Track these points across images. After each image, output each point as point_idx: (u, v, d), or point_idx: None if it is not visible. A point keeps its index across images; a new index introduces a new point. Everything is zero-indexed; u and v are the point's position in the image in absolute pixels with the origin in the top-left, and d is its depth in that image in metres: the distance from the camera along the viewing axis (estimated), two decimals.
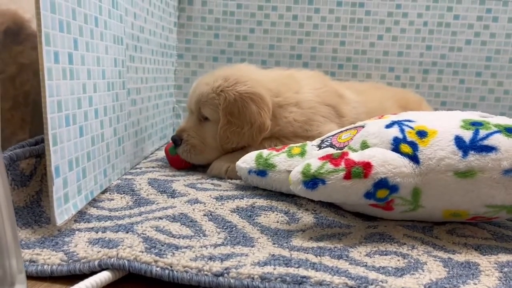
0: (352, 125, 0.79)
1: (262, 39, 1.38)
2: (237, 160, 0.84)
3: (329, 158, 0.63)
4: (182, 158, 0.95)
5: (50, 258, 0.51)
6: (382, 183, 0.60)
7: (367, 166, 0.60)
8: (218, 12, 1.38)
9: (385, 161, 0.61)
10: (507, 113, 1.34)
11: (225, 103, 0.90)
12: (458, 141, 0.63)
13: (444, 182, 0.62)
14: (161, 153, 1.11)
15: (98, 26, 0.73)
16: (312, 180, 0.61)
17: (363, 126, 0.73)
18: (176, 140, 0.96)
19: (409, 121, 0.68)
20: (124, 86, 0.86)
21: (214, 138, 0.94)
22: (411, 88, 1.36)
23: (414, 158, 0.63)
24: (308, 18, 1.36)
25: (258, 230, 0.64)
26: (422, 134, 0.65)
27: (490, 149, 0.61)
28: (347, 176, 0.60)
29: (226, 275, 0.49)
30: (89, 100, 0.69)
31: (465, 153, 0.62)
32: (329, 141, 0.77)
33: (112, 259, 0.50)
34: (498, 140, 0.62)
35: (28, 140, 0.66)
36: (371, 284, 0.49)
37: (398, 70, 1.37)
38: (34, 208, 0.61)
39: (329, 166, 0.61)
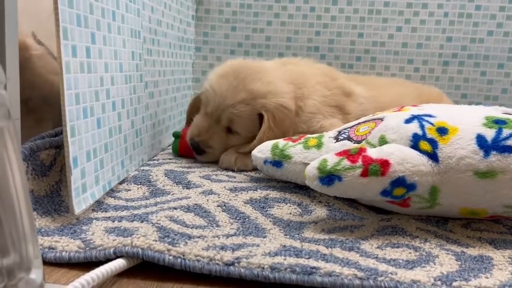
0: (371, 117, 0.77)
1: (279, 32, 1.38)
2: (239, 150, 0.86)
3: (346, 154, 0.62)
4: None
5: (68, 245, 0.53)
6: (399, 182, 0.60)
7: (385, 164, 0.59)
8: (235, 5, 1.38)
9: (404, 159, 0.60)
10: None
11: (268, 113, 0.92)
12: (480, 140, 0.61)
13: (463, 182, 0.61)
14: None
15: (115, 20, 0.74)
16: (328, 177, 0.60)
17: (382, 119, 0.71)
18: (199, 150, 0.95)
19: (430, 116, 0.67)
20: (141, 79, 0.88)
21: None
22: (430, 80, 1.34)
23: (433, 156, 0.62)
24: (325, 10, 1.35)
25: (270, 221, 0.65)
26: (442, 131, 0.63)
27: None
28: (364, 174, 0.59)
29: (236, 264, 0.50)
30: (107, 93, 0.71)
31: (487, 153, 0.60)
32: (347, 134, 0.76)
33: (127, 247, 0.52)
34: None
35: (48, 131, 0.69)
36: (381, 276, 0.49)
37: (417, 62, 1.35)
38: (54, 197, 0.64)
39: (346, 162, 0.60)
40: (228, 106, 0.92)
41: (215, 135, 0.95)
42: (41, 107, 0.79)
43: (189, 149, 0.98)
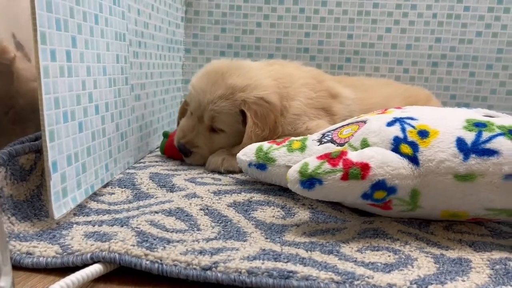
0: (355, 119, 0.78)
1: (269, 33, 1.38)
2: (231, 152, 0.85)
3: (327, 157, 0.62)
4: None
5: (46, 251, 0.53)
6: (379, 185, 0.60)
7: (365, 167, 0.59)
8: (225, 6, 1.38)
9: (384, 163, 0.60)
10: None
11: (250, 109, 0.92)
12: (460, 143, 0.61)
13: (443, 185, 0.61)
14: None
15: (98, 24, 0.74)
16: (309, 180, 0.61)
17: (365, 122, 0.72)
18: (186, 152, 0.96)
19: (412, 118, 0.67)
20: (127, 82, 0.88)
21: (223, 147, 0.96)
22: (419, 81, 1.35)
23: (413, 160, 0.62)
24: (315, 11, 1.35)
25: (253, 224, 0.64)
26: (423, 134, 0.63)
27: (492, 152, 0.60)
28: (344, 177, 0.59)
29: (214, 269, 0.50)
30: (89, 97, 0.71)
31: (466, 156, 0.60)
32: (330, 136, 0.76)
33: (104, 252, 0.51)
34: (500, 143, 0.60)
35: (29, 135, 0.68)
36: (357, 280, 0.49)
37: (406, 63, 1.35)
38: (34, 202, 0.63)
39: (326, 166, 0.60)
40: (208, 102, 0.92)
41: (200, 135, 0.95)
42: (29, 116, 0.79)
43: (174, 150, 0.99)
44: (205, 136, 0.96)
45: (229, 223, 0.64)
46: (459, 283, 0.50)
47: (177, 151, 0.98)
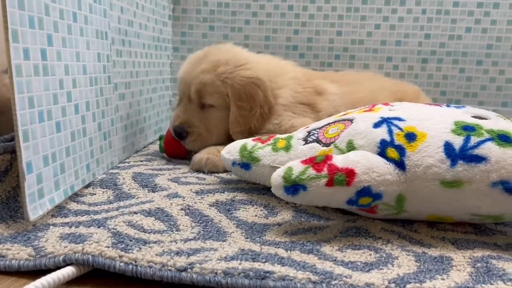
0: (341, 116, 0.76)
1: (258, 31, 1.37)
2: (217, 153, 0.85)
3: (312, 162, 0.60)
4: (187, 148, 0.98)
5: (19, 253, 0.52)
6: (365, 191, 0.58)
7: (350, 173, 0.58)
8: (213, 4, 1.37)
9: (369, 169, 0.59)
10: (509, 102, 1.31)
11: (233, 90, 0.93)
12: (448, 148, 0.59)
13: (429, 191, 0.59)
14: (154, 147, 1.12)
15: (77, 22, 0.73)
16: (293, 186, 0.59)
17: (351, 121, 0.70)
18: (182, 133, 0.96)
19: (399, 119, 0.65)
20: (109, 81, 0.87)
21: (218, 124, 0.97)
22: (409, 78, 1.34)
23: (400, 165, 0.60)
24: (304, 8, 1.34)
25: (234, 224, 0.63)
26: (410, 137, 0.62)
27: (480, 159, 0.58)
28: (329, 183, 0.58)
29: (189, 270, 0.49)
30: (68, 96, 0.69)
31: (454, 162, 0.59)
32: (316, 135, 0.75)
33: (77, 255, 0.50)
34: (489, 149, 0.58)
35: (4, 136, 0.67)
36: (335, 279, 0.48)
37: (396, 59, 1.34)
38: (10, 203, 0.62)
39: (311, 171, 0.59)
40: (192, 78, 0.95)
41: (193, 113, 0.96)
42: None
43: (171, 144, 0.99)
44: (198, 113, 0.97)
45: (209, 223, 0.63)
46: (438, 281, 0.49)
47: (176, 144, 0.98)
